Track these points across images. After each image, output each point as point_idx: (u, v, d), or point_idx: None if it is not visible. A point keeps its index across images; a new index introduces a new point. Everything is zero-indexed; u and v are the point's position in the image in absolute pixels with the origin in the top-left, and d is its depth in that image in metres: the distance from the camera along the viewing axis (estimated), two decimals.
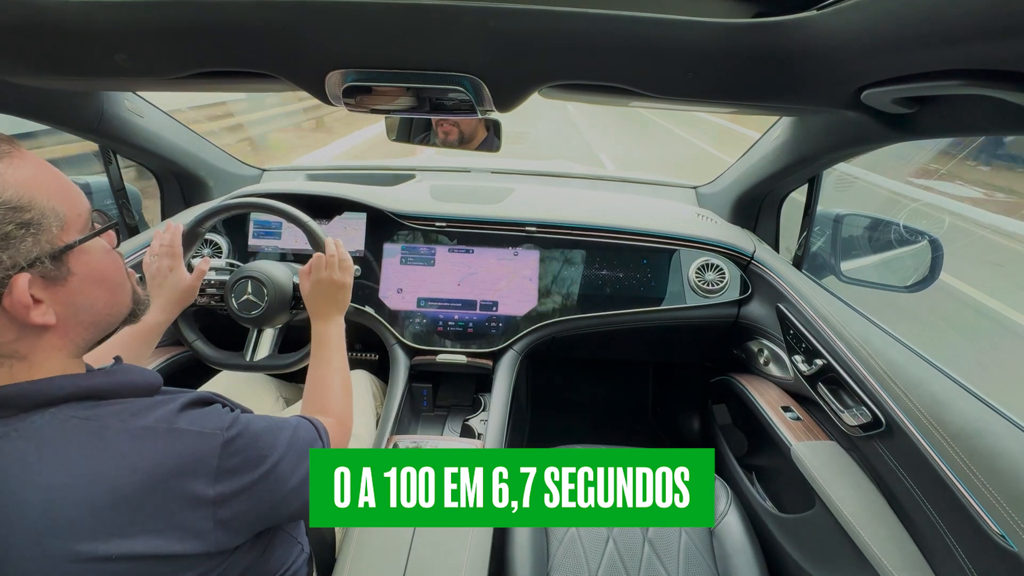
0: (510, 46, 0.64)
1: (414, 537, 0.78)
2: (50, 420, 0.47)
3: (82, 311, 0.51)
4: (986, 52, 0.48)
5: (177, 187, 1.47)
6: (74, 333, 0.52)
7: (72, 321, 0.50)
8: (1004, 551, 0.64)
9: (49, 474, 0.45)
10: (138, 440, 0.48)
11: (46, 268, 0.46)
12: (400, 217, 1.30)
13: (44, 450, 0.45)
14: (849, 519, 0.85)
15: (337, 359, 0.87)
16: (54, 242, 0.47)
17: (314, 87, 0.73)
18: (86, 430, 0.47)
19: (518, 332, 1.24)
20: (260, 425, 0.58)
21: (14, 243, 0.44)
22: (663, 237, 1.31)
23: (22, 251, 0.45)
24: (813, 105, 0.77)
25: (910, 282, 1.14)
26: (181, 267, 0.97)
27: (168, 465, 0.48)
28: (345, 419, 0.80)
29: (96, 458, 0.46)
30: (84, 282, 0.51)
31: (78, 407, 0.48)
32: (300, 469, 0.61)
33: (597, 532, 0.99)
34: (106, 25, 0.64)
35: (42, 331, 0.48)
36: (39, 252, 0.46)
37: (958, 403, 0.81)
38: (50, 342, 0.49)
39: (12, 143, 0.47)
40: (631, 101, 0.78)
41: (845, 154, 1.06)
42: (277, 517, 0.60)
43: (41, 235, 0.46)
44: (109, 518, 0.45)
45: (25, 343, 0.48)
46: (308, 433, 0.66)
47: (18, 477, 0.44)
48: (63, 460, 0.45)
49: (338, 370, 0.86)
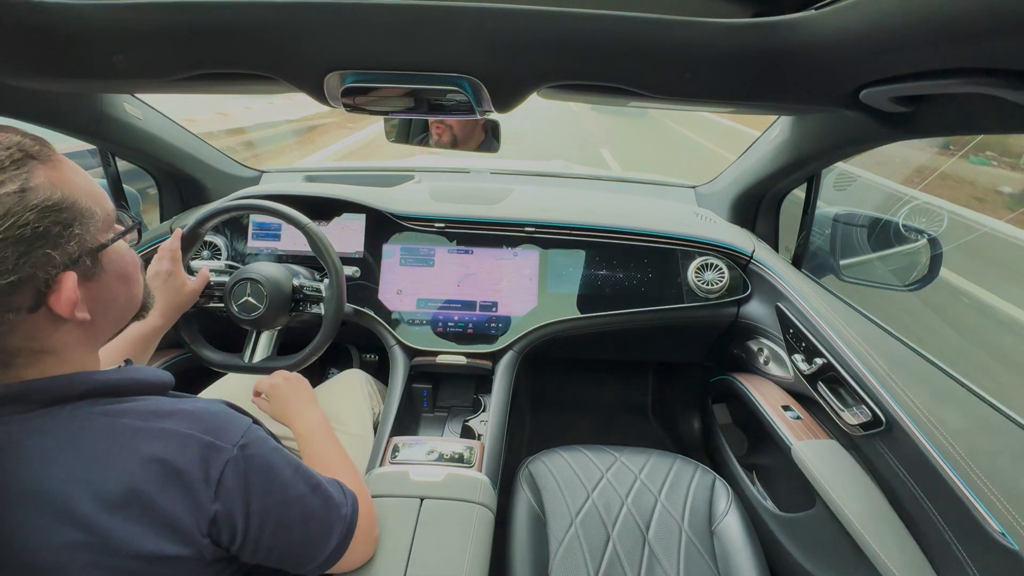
0: (509, 47, 0.64)
1: (415, 536, 0.78)
2: (69, 415, 0.48)
3: (108, 307, 0.54)
4: (984, 50, 0.48)
5: (176, 189, 1.47)
6: (99, 328, 0.54)
7: (99, 317, 0.52)
8: (1005, 550, 0.64)
9: (68, 467, 0.46)
10: (155, 441, 0.49)
11: (87, 266, 0.49)
12: (399, 218, 1.30)
13: (64, 444, 0.47)
14: (850, 518, 0.85)
15: (332, 449, 0.81)
16: (92, 241, 0.50)
17: (313, 89, 0.73)
18: (104, 426, 0.49)
19: (518, 333, 1.24)
20: (275, 458, 0.57)
21: (62, 243, 0.46)
22: (662, 237, 1.31)
23: (68, 250, 0.47)
24: (812, 104, 0.77)
25: (909, 281, 1.14)
26: (180, 271, 0.97)
27: (180, 468, 0.49)
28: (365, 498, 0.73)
29: (113, 454, 0.47)
30: (112, 279, 0.53)
31: (96, 403, 0.50)
32: (309, 530, 0.59)
33: (597, 532, 0.98)
34: (104, 27, 0.64)
35: (75, 327, 0.50)
36: (81, 251, 0.48)
37: (958, 401, 0.81)
38: (79, 337, 0.51)
39: (48, 144, 0.49)
40: (630, 101, 0.78)
41: (844, 153, 1.06)
42: (286, 556, 0.59)
43: (84, 235, 0.48)
44: (122, 515, 0.46)
45: (59, 339, 0.49)
46: (336, 492, 0.64)
47: (39, 469, 0.45)
48: (81, 454, 0.47)
49: (338, 458, 0.79)
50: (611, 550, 0.96)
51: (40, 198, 0.44)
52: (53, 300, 0.46)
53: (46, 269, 0.45)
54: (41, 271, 0.45)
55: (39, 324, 0.47)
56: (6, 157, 0.44)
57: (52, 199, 0.45)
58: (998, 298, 2.67)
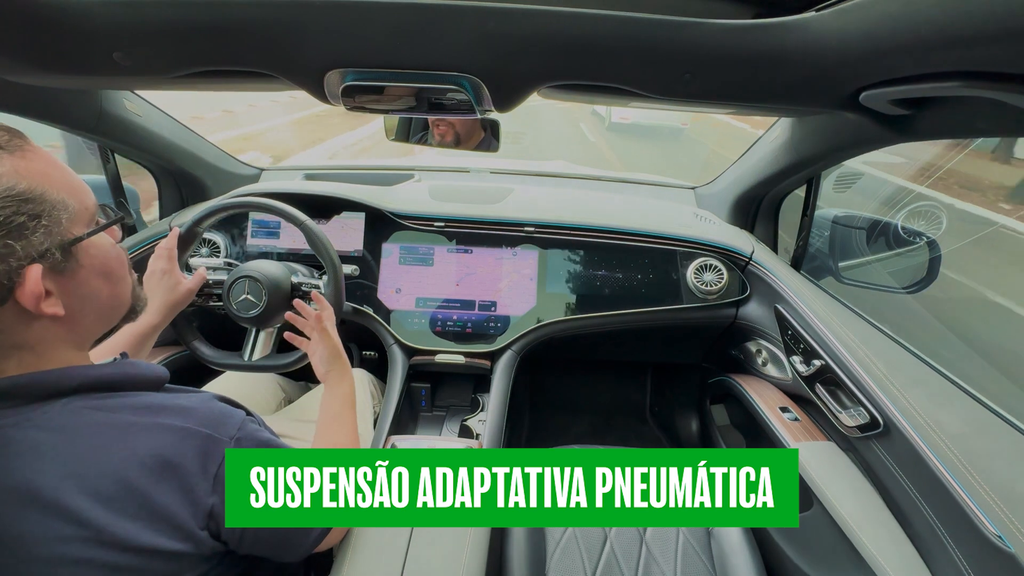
0: (509, 46, 0.64)
1: (411, 537, 0.78)
2: (61, 410, 0.48)
3: (88, 303, 0.52)
4: (984, 54, 0.48)
5: (175, 187, 1.47)
6: (80, 325, 0.53)
7: (79, 313, 0.51)
8: (1001, 552, 0.64)
9: (62, 463, 0.46)
10: (151, 436, 0.49)
11: (56, 260, 0.48)
12: (399, 217, 1.30)
13: (57, 439, 0.46)
14: (847, 519, 0.85)
15: (351, 422, 0.85)
16: (64, 234, 0.48)
17: (313, 87, 0.73)
18: (98, 421, 0.48)
19: (516, 332, 1.24)
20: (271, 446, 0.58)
21: (27, 234, 0.45)
22: (661, 238, 1.31)
23: (34, 242, 0.46)
24: (811, 106, 0.77)
25: (908, 283, 1.14)
26: (176, 270, 0.97)
27: (175, 463, 0.49)
28: None
29: (108, 449, 0.47)
30: (90, 275, 0.52)
31: (89, 398, 0.50)
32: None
33: (595, 533, 0.98)
34: (103, 23, 0.64)
35: (50, 322, 0.49)
36: (50, 243, 0.47)
37: (956, 404, 0.81)
38: (57, 334, 0.50)
39: (22, 136, 0.48)
40: (630, 101, 0.78)
41: (843, 155, 1.06)
42: (273, 546, 0.60)
43: (52, 227, 0.47)
44: (116, 509, 0.46)
45: (34, 334, 0.49)
46: None
47: (31, 465, 0.45)
48: (75, 450, 0.46)
49: (351, 435, 0.84)
50: (608, 551, 0.96)
51: (2, 187, 0.44)
52: (19, 293, 0.45)
53: (8, 261, 0.44)
54: (2, 263, 0.44)
55: (8, 318, 0.46)
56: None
57: (16, 189, 0.44)
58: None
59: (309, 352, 0.93)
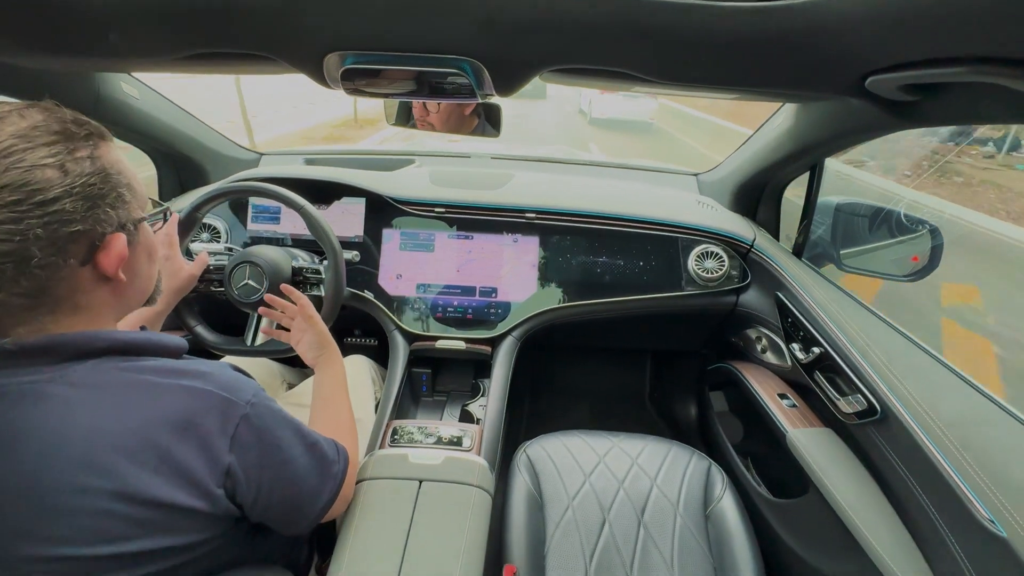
0: (511, 29, 0.63)
1: (413, 517, 0.79)
2: (92, 369, 0.51)
3: (136, 279, 0.58)
4: (993, 39, 0.48)
5: (174, 171, 1.46)
6: (126, 297, 0.58)
7: (129, 287, 0.57)
8: (993, 536, 0.65)
9: (90, 416, 0.48)
10: (174, 396, 0.52)
11: (131, 232, 0.54)
12: (399, 202, 1.29)
13: (87, 395, 0.49)
14: (842, 504, 0.86)
15: (344, 402, 0.88)
16: (136, 213, 0.56)
17: (312, 70, 0.72)
18: (124, 380, 0.51)
19: (517, 319, 1.24)
20: (279, 418, 0.62)
21: (118, 206, 0.52)
22: (663, 224, 1.31)
23: (120, 215, 0.53)
24: (817, 91, 0.76)
25: (909, 271, 1.14)
26: (178, 256, 0.97)
27: (196, 422, 0.52)
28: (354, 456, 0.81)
29: (133, 406, 0.50)
30: (142, 252, 0.58)
31: (117, 360, 0.53)
32: (302, 489, 0.64)
33: (593, 515, 1.00)
34: (98, 3, 0.63)
35: (109, 291, 0.54)
36: (128, 218, 0.54)
37: (953, 391, 0.82)
38: (108, 302, 0.55)
39: (107, 131, 0.55)
40: (633, 86, 0.77)
41: (848, 142, 1.05)
42: (282, 514, 0.63)
43: (132, 204, 0.55)
44: (139, 463, 0.49)
45: (95, 298, 0.53)
46: (329, 450, 0.69)
47: (61, 417, 0.48)
48: (102, 405, 0.49)
49: (345, 414, 0.86)
50: (607, 532, 0.98)
51: (105, 165, 0.51)
52: (102, 256, 0.51)
53: (103, 225, 0.51)
54: (99, 226, 0.50)
55: (84, 279, 0.51)
56: (80, 132, 0.51)
57: (114, 168, 0.52)
58: None
59: (294, 342, 0.95)
